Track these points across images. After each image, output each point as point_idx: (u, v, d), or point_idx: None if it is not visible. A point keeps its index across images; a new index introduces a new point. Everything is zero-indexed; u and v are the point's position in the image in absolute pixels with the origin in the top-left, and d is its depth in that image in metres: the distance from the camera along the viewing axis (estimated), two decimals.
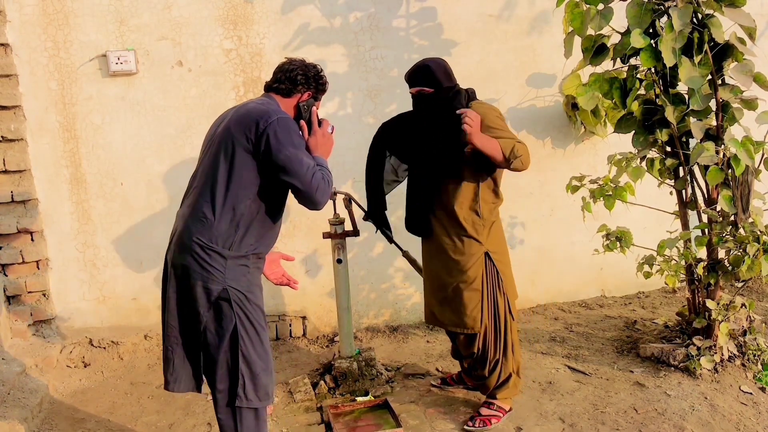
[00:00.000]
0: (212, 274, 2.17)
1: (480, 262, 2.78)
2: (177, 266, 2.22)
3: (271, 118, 2.16)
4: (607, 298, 4.43)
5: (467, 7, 3.94)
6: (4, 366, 3.32)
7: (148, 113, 3.66)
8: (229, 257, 2.18)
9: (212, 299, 2.18)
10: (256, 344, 2.24)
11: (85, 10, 3.51)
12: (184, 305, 2.23)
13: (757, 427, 2.83)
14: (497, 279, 2.82)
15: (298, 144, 2.19)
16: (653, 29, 3.03)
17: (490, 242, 2.82)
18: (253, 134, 2.14)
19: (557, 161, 4.21)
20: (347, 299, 3.30)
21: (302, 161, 2.16)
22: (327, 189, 2.21)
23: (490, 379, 2.88)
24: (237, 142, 2.16)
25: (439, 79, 2.73)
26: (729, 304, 3.19)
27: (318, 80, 2.38)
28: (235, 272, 2.20)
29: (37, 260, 3.62)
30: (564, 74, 3.95)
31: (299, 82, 2.33)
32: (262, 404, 2.26)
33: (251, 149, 2.16)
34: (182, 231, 2.22)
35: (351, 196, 3.21)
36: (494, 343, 2.84)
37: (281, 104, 2.32)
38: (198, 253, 2.16)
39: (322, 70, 2.41)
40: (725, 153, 2.97)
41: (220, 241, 2.17)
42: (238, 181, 2.16)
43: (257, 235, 2.24)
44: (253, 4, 3.70)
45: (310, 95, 2.37)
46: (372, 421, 2.94)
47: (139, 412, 3.17)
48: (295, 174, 2.15)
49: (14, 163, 3.51)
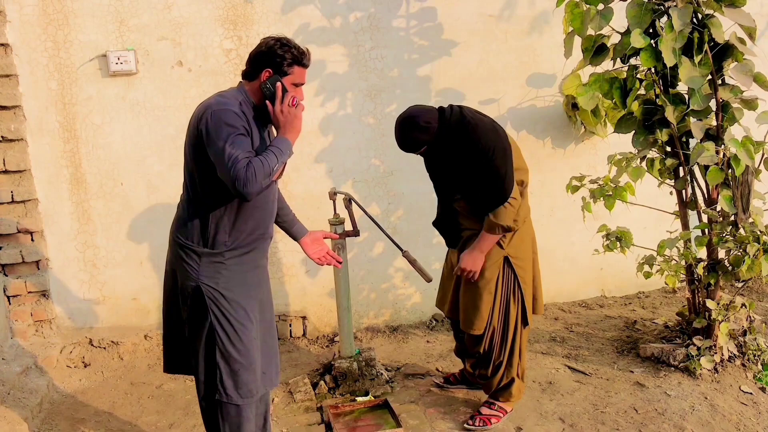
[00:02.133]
0: (188, 271, 2.23)
1: (497, 265, 2.78)
2: (167, 262, 2.36)
3: (206, 113, 2.11)
4: (607, 298, 4.43)
5: (467, 7, 3.94)
6: (4, 366, 3.32)
7: (148, 113, 3.66)
8: (203, 254, 2.22)
9: (187, 295, 2.24)
10: (235, 341, 2.24)
11: (85, 10, 3.51)
12: (173, 297, 2.34)
13: (757, 427, 2.83)
14: (514, 284, 2.81)
15: (226, 135, 2.06)
16: (653, 29, 3.03)
17: (512, 247, 2.80)
18: (198, 130, 2.13)
19: (557, 161, 4.21)
20: (347, 299, 3.30)
21: (224, 152, 2.03)
22: (251, 179, 2.01)
23: (493, 380, 2.88)
24: (194, 137, 2.17)
25: (421, 140, 2.67)
26: (729, 304, 3.19)
27: (274, 55, 2.17)
28: (209, 269, 2.22)
29: (37, 260, 3.62)
30: (564, 74, 3.95)
31: (258, 60, 2.20)
32: (243, 401, 2.27)
33: (201, 144, 2.13)
34: (171, 229, 2.34)
35: (351, 196, 3.20)
36: (500, 346, 2.84)
37: (249, 90, 2.23)
38: (178, 250, 2.26)
39: (286, 42, 2.19)
40: (725, 153, 2.97)
41: (195, 238, 2.22)
42: (202, 176, 2.18)
43: (231, 230, 2.22)
44: (253, 4, 3.70)
45: (270, 74, 2.19)
46: (372, 421, 2.94)
47: (139, 412, 3.17)
48: (220, 166, 2.05)
49: (14, 163, 3.51)
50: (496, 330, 2.83)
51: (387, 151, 3.90)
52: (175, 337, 2.38)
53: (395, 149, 3.02)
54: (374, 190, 3.97)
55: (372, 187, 3.97)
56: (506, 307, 2.81)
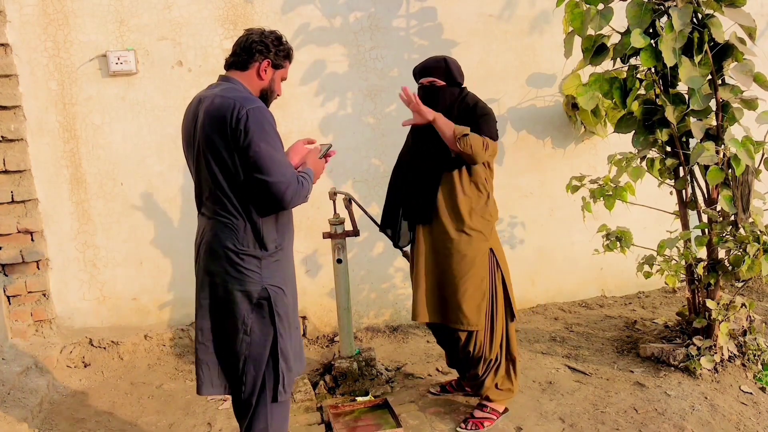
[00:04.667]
0: (250, 277, 2.14)
1: (484, 257, 2.76)
2: (213, 273, 2.17)
3: (238, 111, 2.03)
4: (607, 298, 4.43)
5: (467, 7, 3.94)
6: (4, 366, 3.32)
7: (148, 113, 3.66)
8: (263, 257, 2.15)
9: (253, 301, 2.15)
10: (293, 338, 2.24)
11: (85, 10, 3.51)
12: (220, 311, 2.19)
13: (757, 427, 2.83)
14: (499, 279, 2.80)
15: (272, 139, 2.06)
16: (653, 29, 3.03)
17: (494, 241, 2.82)
18: (234, 130, 2.03)
19: (557, 161, 4.21)
20: (347, 299, 3.30)
21: (273, 158, 2.03)
22: (300, 193, 2.13)
23: (485, 379, 2.86)
24: (219, 145, 2.06)
25: (454, 75, 2.77)
26: (729, 304, 3.19)
27: (278, 45, 2.20)
28: (270, 270, 2.17)
29: (37, 260, 3.62)
30: (564, 74, 3.96)
31: (255, 50, 2.16)
32: (288, 396, 2.27)
33: (231, 147, 2.05)
34: (211, 240, 2.16)
35: (351, 196, 3.21)
36: (490, 344, 2.81)
37: (241, 80, 2.19)
38: (233, 259, 2.12)
39: (279, 36, 2.22)
40: (725, 153, 2.97)
41: (250, 244, 2.13)
42: (239, 182, 2.10)
43: (277, 227, 2.20)
44: (253, 4, 3.70)
45: (270, 63, 2.18)
46: (372, 421, 2.94)
47: (139, 412, 3.17)
48: (263, 170, 2.02)
49: (14, 163, 3.51)
50: (486, 327, 2.79)
51: (387, 151, 3.90)
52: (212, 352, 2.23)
53: (395, 149, 3.03)
54: (374, 190, 3.97)
55: (372, 187, 3.97)
56: (494, 302, 2.79)
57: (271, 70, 2.22)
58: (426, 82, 2.78)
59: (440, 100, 2.74)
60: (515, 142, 4.14)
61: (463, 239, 2.73)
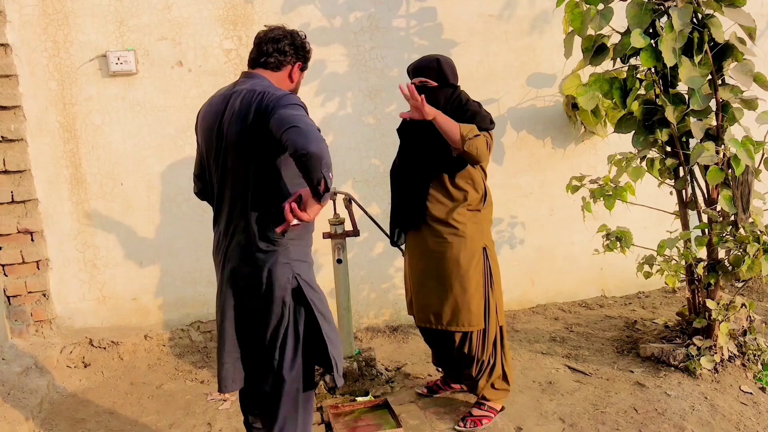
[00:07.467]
0: (283, 269, 2.08)
1: (480, 257, 2.76)
2: (247, 276, 2.11)
3: (264, 98, 1.96)
4: (607, 298, 4.43)
5: (467, 7, 3.94)
6: (4, 366, 3.32)
7: (148, 113, 3.66)
8: (291, 245, 2.10)
9: (293, 289, 2.10)
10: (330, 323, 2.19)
11: (85, 10, 3.51)
12: (249, 313, 2.14)
13: (757, 427, 2.83)
14: (491, 277, 2.80)
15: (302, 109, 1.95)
16: (653, 29, 3.03)
17: (488, 239, 2.82)
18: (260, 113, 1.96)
19: (557, 161, 4.21)
20: (347, 299, 3.30)
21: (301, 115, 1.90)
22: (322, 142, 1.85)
23: (480, 380, 2.86)
24: (254, 141, 1.99)
25: (446, 75, 2.74)
26: (729, 304, 3.19)
27: (305, 48, 2.20)
28: (298, 253, 2.12)
29: (37, 260, 3.62)
30: (564, 74, 3.95)
31: (288, 52, 2.12)
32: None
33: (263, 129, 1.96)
34: (246, 244, 2.09)
35: (351, 196, 3.21)
36: (483, 344, 2.81)
37: (272, 80, 2.12)
38: (272, 255, 2.08)
39: (305, 36, 2.22)
40: (725, 153, 2.97)
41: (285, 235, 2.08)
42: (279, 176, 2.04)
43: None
44: (253, 4, 3.70)
45: (300, 66, 2.17)
46: (372, 421, 2.94)
47: (139, 412, 3.17)
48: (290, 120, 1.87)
49: (14, 163, 3.51)
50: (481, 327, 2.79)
51: (387, 151, 3.90)
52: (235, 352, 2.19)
53: (395, 149, 3.02)
54: (374, 190, 3.97)
55: (372, 187, 3.97)
56: (488, 301, 2.78)
57: (299, 73, 2.21)
58: (417, 83, 2.75)
59: (433, 101, 2.69)
60: (515, 142, 4.14)
61: (456, 241, 2.73)
